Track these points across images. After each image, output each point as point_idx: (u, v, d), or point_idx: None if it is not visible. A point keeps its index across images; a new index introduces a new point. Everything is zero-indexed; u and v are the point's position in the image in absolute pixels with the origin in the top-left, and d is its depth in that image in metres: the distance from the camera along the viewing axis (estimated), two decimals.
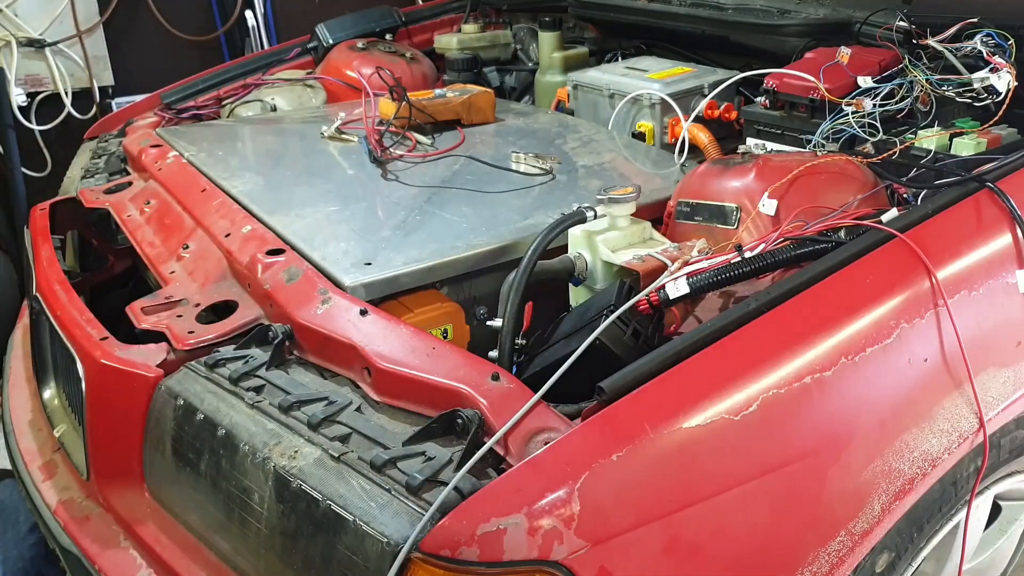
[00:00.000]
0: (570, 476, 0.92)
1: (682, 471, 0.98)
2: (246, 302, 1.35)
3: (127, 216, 1.71)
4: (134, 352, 1.29)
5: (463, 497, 0.93)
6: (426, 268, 1.34)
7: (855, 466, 1.08)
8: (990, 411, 1.22)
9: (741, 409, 1.00)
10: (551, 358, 1.20)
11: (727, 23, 2.05)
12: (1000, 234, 1.27)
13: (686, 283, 1.18)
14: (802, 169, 1.37)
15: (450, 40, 2.52)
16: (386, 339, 1.15)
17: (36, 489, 1.46)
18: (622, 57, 2.31)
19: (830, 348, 1.08)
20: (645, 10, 2.22)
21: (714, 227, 1.39)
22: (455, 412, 1.02)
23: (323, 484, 1.01)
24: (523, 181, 1.65)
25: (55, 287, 1.52)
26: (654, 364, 1.02)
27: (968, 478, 1.28)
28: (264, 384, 1.19)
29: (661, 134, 1.88)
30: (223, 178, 1.68)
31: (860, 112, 1.53)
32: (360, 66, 2.26)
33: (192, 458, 1.18)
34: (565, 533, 0.90)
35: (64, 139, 3.15)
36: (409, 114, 1.87)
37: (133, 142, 1.97)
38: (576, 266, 1.37)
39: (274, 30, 3.56)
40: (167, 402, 1.22)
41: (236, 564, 1.14)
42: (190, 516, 1.21)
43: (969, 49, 1.56)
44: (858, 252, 1.18)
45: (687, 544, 0.97)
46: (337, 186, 1.61)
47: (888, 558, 1.20)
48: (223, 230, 1.48)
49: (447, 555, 0.89)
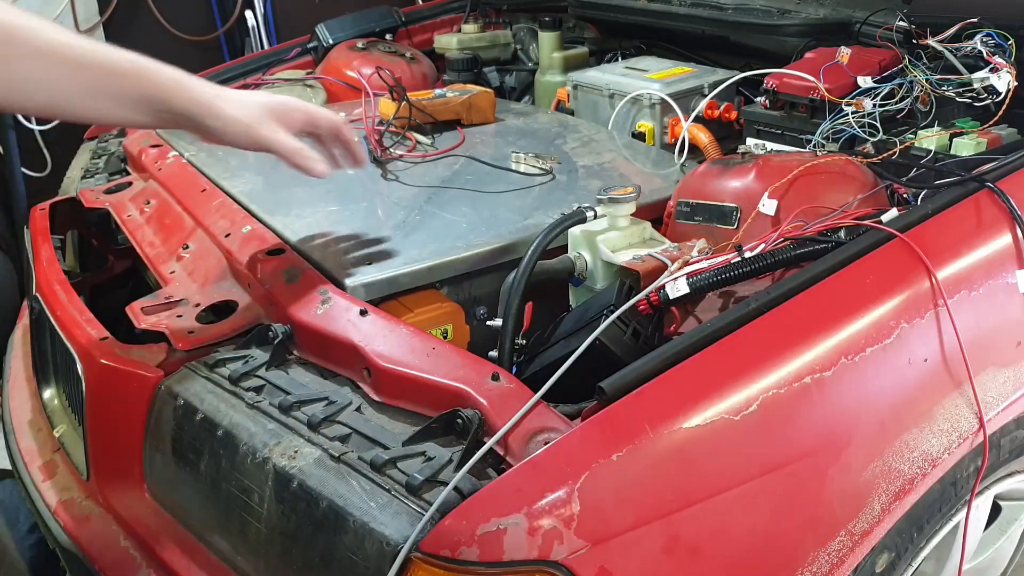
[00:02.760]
0: (570, 476, 0.92)
1: (682, 471, 0.98)
2: (246, 302, 1.35)
3: (127, 216, 1.71)
4: (134, 352, 1.29)
5: (463, 497, 0.93)
6: (426, 268, 1.34)
7: (855, 466, 1.08)
8: (990, 411, 1.22)
9: (741, 409, 1.00)
10: (551, 358, 1.20)
11: (727, 23, 2.05)
12: (1000, 234, 1.27)
13: (686, 283, 1.18)
14: (802, 169, 1.37)
15: (450, 40, 2.52)
16: (386, 339, 1.15)
17: (36, 489, 1.46)
18: (622, 57, 2.31)
19: (830, 348, 1.08)
20: (645, 10, 2.22)
21: (714, 227, 1.39)
22: (455, 412, 1.02)
23: (323, 484, 1.01)
24: (523, 181, 1.65)
25: (55, 287, 1.52)
26: (654, 364, 1.02)
27: (968, 478, 1.28)
28: (264, 384, 1.19)
29: (661, 134, 1.88)
30: (223, 178, 1.68)
31: (860, 112, 1.53)
32: (360, 66, 2.26)
33: (192, 458, 1.18)
34: (565, 533, 0.90)
35: (64, 139, 3.14)
36: (409, 114, 1.87)
37: (133, 142, 1.97)
38: (576, 266, 1.37)
39: (274, 30, 3.56)
40: (167, 402, 1.22)
41: (236, 564, 1.14)
42: (190, 516, 1.21)
43: (969, 49, 1.55)
44: (858, 252, 1.18)
45: (687, 544, 0.98)
46: (337, 186, 1.61)
47: (888, 558, 1.20)
48: (223, 230, 1.48)
49: (447, 555, 0.89)
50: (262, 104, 1.22)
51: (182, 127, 1.21)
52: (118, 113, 1.14)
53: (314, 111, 1.29)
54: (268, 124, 1.21)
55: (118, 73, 1.11)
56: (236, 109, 1.19)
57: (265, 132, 1.21)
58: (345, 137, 1.32)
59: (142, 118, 1.16)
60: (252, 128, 1.20)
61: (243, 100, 1.20)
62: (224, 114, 1.18)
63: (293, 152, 1.23)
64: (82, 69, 1.09)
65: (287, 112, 1.24)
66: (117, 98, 1.12)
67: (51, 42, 1.06)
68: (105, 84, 1.11)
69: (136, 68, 1.13)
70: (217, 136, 1.20)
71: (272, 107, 1.23)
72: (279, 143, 1.22)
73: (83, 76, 1.09)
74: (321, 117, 1.29)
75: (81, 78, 1.09)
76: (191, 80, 1.17)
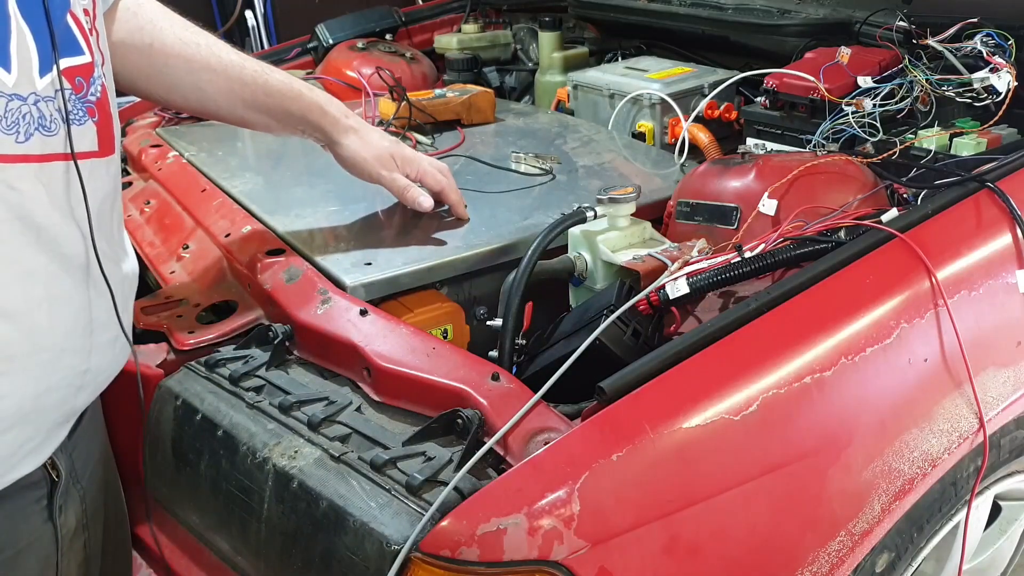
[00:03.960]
0: (570, 476, 0.92)
1: (682, 471, 0.98)
2: (246, 302, 1.36)
3: (127, 216, 1.71)
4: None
5: (463, 497, 0.93)
6: (426, 268, 1.34)
7: (855, 466, 1.08)
8: (990, 411, 1.22)
9: (741, 409, 1.00)
10: (551, 358, 1.20)
11: (727, 23, 2.05)
12: (1000, 234, 1.27)
13: (686, 283, 1.18)
14: (802, 169, 1.37)
15: (450, 40, 2.52)
16: (386, 339, 1.15)
17: None
18: (622, 57, 2.31)
19: (830, 348, 1.08)
20: (645, 10, 2.22)
21: (714, 227, 1.39)
22: (455, 412, 1.02)
23: (323, 484, 1.01)
24: (523, 181, 1.65)
25: None
26: (654, 364, 1.02)
27: (968, 478, 1.28)
28: (264, 384, 1.19)
29: (661, 134, 1.88)
30: (223, 178, 1.68)
31: (860, 112, 1.53)
32: (360, 66, 2.26)
33: (192, 458, 1.18)
34: (565, 533, 0.90)
35: None
36: (409, 114, 1.88)
37: (133, 142, 1.97)
38: (576, 266, 1.37)
39: (274, 30, 3.56)
40: (167, 402, 1.22)
41: (236, 564, 1.14)
42: (190, 516, 1.21)
43: (969, 49, 1.55)
44: (858, 252, 1.18)
45: (687, 544, 0.98)
46: (337, 186, 1.61)
47: (888, 558, 1.20)
48: (223, 230, 1.48)
49: (447, 555, 0.89)
50: (386, 148, 1.43)
51: (319, 143, 1.44)
52: (265, 123, 1.40)
53: (425, 169, 1.46)
54: (386, 167, 1.43)
55: (274, 92, 1.35)
56: (363, 148, 1.41)
57: (383, 172, 1.42)
58: (449, 199, 1.49)
59: (284, 130, 1.41)
60: (373, 168, 1.42)
61: (372, 141, 1.42)
62: (350, 148, 1.40)
63: (402, 189, 1.44)
64: (246, 86, 1.33)
65: (405, 162, 1.44)
66: (269, 112, 1.37)
67: (224, 61, 1.32)
68: (262, 101, 1.35)
69: (290, 90, 1.37)
70: (341, 162, 1.43)
71: (394, 153, 1.43)
72: (390, 180, 1.43)
73: (247, 92, 1.34)
74: (428, 176, 1.46)
75: (245, 93, 1.34)
76: (331, 106, 1.39)
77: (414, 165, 1.45)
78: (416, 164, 1.45)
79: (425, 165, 1.47)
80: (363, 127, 1.42)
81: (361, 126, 1.42)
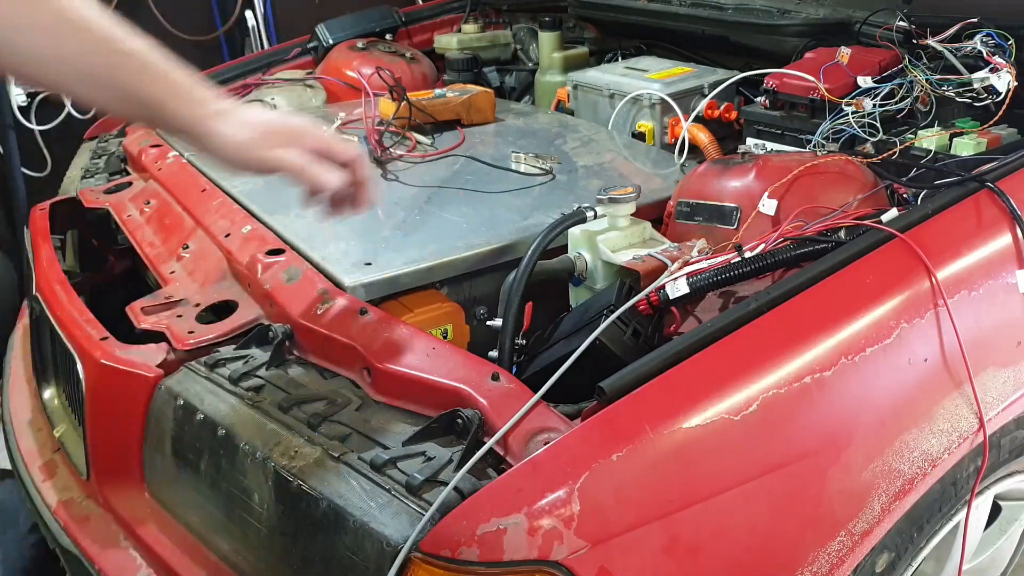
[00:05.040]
0: (570, 476, 0.92)
1: (682, 471, 0.98)
2: (246, 302, 1.36)
3: (127, 216, 1.71)
4: (134, 352, 1.29)
5: (463, 497, 0.93)
6: (426, 268, 1.34)
7: (855, 466, 1.08)
8: (990, 411, 1.22)
9: (741, 409, 1.00)
10: (551, 358, 1.20)
11: (727, 23, 2.06)
12: (1000, 234, 1.27)
13: (686, 283, 1.18)
14: (802, 169, 1.37)
15: (450, 40, 2.52)
16: (386, 339, 1.15)
17: (36, 489, 1.46)
18: (622, 57, 2.31)
19: (830, 348, 1.08)
20: (645, 10, 2.22)
21: (714, 227, 1.39)
22: (455, 412, 1.02)
23: (323, 484, 1.01)
24: (523, 181, 1.65)
25: (55, 287, 1.52)
26: (654, 364, 1.02)
27: (968, 478, 1.28)
28: (264, 384, 1.19)
29: (661, 134, 1.88)
30: (223, 178, 1.68)
31: (860, 112, 1.53)
32: (360, 66, 2.26)
33: (192, 458, 1.18)
34: (565, 533, 0.90)
35: (64, 139, 3.14)
36: (409, 114, 1.87)
37: (133, 142, 1.97)
38: (576, 266, 1.37)
39: (274, 30, 3.56)
40: (167, 402, 1.22)
41: (236, 564, 1.14)
42: (190, 516, 1.21)
43: (969, 49, 1.56)
44: (858, 252, 1.18)
45: (687, 544, 0.98)
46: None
47: (888, 558, 1.20)
48: (223, 230, 1.48)
49: (447, 555, 0.89)
50: (266, 123, 1.06)
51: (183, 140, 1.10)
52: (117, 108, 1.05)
53: (331, 139, 1.12)
54: (270, 146, 1.06)
55: (123, 66, 1.00)
56: (234, 128, 1.04)
57: (266, 154, 1.06)
58: (359, 175, 1.14)
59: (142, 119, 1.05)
60: (250, 150, 1.05)
61: (245, 119, 1.05)
62: (218, 133, 1.03)
63: (300, 168, 1.07)
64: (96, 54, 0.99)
65: (298, 136, 1.08)
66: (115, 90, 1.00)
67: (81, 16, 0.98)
68: (111, 76, 0.99)
69: (141, 63, 1.01)
70: (216, 156, 1.06)
71: (277, 129, 1.07)
72: (282, 160, 1.07)
73: (95, 60, 0.98)
74: (336, 147, 1.11)
75: (92, 62, 0.99)
76: (193, 91, 1.03)
77: (314, 139, 1.09)
78: (317, 138, 1.10)
79: (325, 133, 1.15)
80: (235, 107, 1.07)
81: (232, 106, 1.07)
